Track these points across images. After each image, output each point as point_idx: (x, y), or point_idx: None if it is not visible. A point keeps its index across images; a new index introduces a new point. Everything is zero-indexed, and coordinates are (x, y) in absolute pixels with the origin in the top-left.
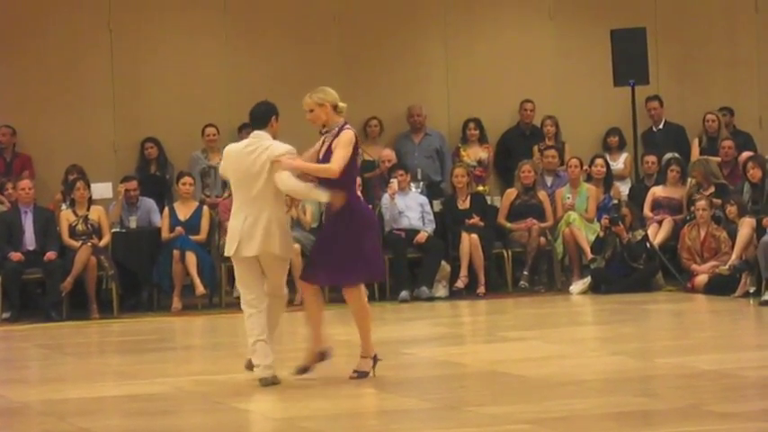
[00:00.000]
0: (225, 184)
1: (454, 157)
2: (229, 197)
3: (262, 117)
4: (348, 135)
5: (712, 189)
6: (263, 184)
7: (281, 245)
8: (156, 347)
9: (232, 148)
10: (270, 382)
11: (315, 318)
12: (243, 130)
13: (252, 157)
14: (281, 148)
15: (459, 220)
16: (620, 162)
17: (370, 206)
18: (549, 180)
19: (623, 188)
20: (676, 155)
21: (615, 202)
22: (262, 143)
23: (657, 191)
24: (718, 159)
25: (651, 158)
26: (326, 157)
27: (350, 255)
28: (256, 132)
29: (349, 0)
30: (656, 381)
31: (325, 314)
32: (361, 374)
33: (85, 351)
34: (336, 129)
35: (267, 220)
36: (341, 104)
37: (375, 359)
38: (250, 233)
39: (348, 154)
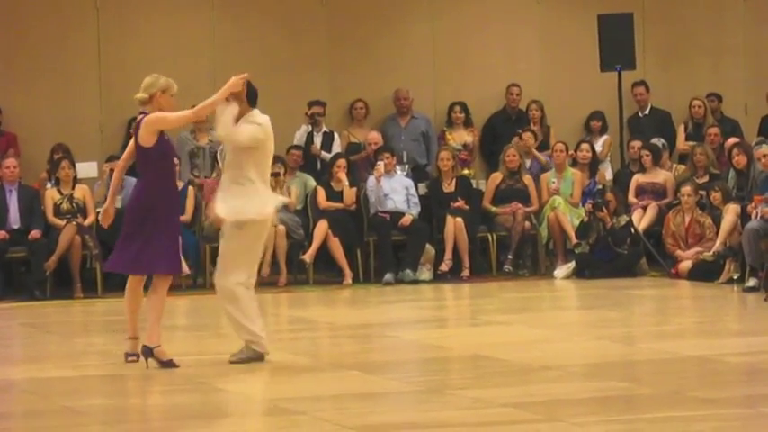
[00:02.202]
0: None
1: (440, 140)
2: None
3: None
4: None
5: (707, 178)
6: None
7: None
8: (139, 327)
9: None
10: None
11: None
12: None
13: None
14: None
15: (444, 203)
16: (599, 145)
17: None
18: (528, 162)
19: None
20: (655, 141)
21: (600, 187)
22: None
23: (640, 176)
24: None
25: (636, 144)
26: None
27: None
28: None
29: None
30: (639, 366)
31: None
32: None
33: (69, 330)
34: None
35: None
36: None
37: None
38: None
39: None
